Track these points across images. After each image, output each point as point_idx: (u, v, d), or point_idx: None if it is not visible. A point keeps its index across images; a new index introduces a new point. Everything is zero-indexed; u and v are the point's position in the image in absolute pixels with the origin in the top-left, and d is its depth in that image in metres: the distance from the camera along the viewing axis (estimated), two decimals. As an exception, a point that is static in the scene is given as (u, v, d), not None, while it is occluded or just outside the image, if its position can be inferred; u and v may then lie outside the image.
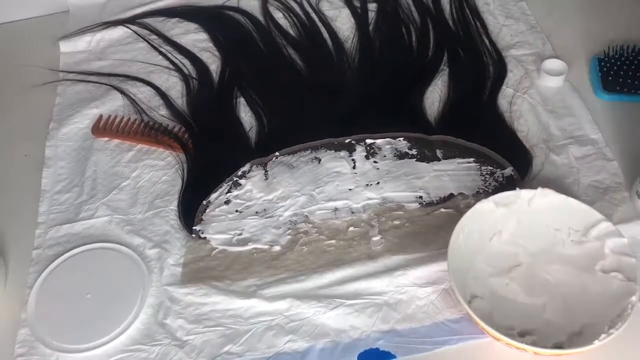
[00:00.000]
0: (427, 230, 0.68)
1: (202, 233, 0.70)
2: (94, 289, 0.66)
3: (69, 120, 0.83)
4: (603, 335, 0.53)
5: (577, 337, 0.56)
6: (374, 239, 0.68)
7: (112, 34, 0.95)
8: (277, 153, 0.76)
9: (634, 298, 0.55)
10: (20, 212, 0.75)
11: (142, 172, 0.77)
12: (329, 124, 0.79)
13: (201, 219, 0.71)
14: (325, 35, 0.91)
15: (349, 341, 0.60)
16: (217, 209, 0.72)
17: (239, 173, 0.75)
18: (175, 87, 0.87)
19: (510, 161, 0.73)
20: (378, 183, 0.73)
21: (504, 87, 0.81)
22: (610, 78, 0.78)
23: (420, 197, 0.71)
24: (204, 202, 0.73)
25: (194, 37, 0.94)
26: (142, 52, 0.92)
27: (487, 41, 0.87)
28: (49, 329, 0.63)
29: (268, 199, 0.73)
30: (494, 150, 0.74)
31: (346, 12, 0.95)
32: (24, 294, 0.67)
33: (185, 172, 0.76)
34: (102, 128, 0.82)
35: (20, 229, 0.73)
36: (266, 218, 0.71)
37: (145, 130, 0.81)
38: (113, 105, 0.85)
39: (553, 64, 0.81)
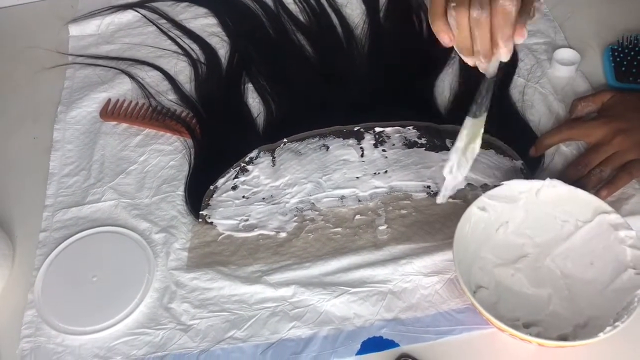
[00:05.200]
0: (434, 220, 0.68)
1: (209, 218, 0.70)
2: (100, 272, 0.66)
3: (77, 104, 0.84)
4: (608, 328, 0.52)
5: (582, 329, 0.56)
6: (380, 227, 0.67)
7: (122, 18, 0.95)
8: (285, 139, 0.76)
9: (640, 291, 0.54)
10: (28, 195, 0.75)
11: (149, 156, 0.77)
12: (338, 111, 0.79)
13: (208, 204, 0.71)
14: (335, 21, 0.91)
15: (352, 329, 0.60)
16: (224, 195, 0.72)
17: (247, 159, 0.75)
18: (183, 72, 0.87)
19: (521, 152, 0.72)
20: (386, 172, 0.72)
21: (515, 76, 0.81)
22: (623, 68, 0.77)
23: (428, 186, 0.71)
24: (211, 188, 0.73)
25: (203, 22, 0.93)
26: (151, 36, 0.92)
27: (498, 29, 0.86)
28: (55, 310, 0.64)
29: (275, 185, 0.72)
30: (504, 140, 0.73)
31: (356, -2, 0.94)
32: (31, 276, 0.67)
33: (192, 157, 0.76)
34: (111, 112, 0.82)
35: (28, 211, 0.73)
36: (273, 204, 0.71)
37: (153, 115, 0.81)
38: (121, 89, 0.85)
39: (565, 53, 0.80)
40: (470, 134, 0.58)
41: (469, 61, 0.52)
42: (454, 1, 0.47)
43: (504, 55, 0.49)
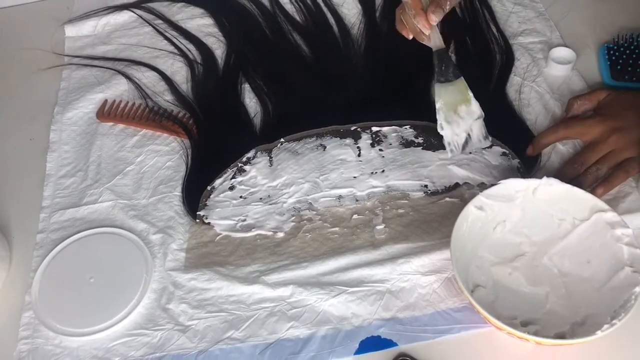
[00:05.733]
0: (432, 219, 0.68)
1: (206, 218, 0.70)
2: (97, 273, 0.66)
3: (73, 105, 0.84)
4: (606, 326, 0.52)
5: (580, 328, 0.56)
6: (378, 227, 0.68)
7: (118, 18, 0.95)
8: (282, 139, 0.76)
9: (637, 289, 0.54)
10: (24, 196, 0.75)
11: (146, 157, 0.77)
12: (335, 111, 0.79)
13: (205, 205, 0.71)
14: (332, 21, 0.91)
15: (350, 328, 0.60)
16: (221, 195, 0.72)
17: (244, 159, 0.75)
18: (180, 72, 0.87)
19: (518, 151, 0.72)
20: (383, 171, 0.72)
21: (511, 75, 0.81)
22: (618, 67, 0.77)
23: (425, 185, 0.71)
24: (208, 188, 0.73)
25: (200, 22, 0.93)
26: (147, 37, 0.92)
27: (494, 29, 0.86)
28: (52, 312, 0.64)
29: (272, 185, 0.72)
30: (501, 139, 0.73)
31: (353, -3, 0.94)
32: (28, 277, 0.67)
33: (189, 157, 0.76)
34: (107, 113, 0.82)
35: (25, 212, 0.73)
36: (270, 204, 0.71)
37: (150, 116, 0.80)
38: (118, 90, 0.85)
39: (561, 52, 0.80)
40: (447, 97, 0.67)
41: (424, 42, 0.67)
42: (400, 9, 0.67)
43: (421, 26, 0.65)
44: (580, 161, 0.68)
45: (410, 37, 0.68)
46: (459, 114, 0.67)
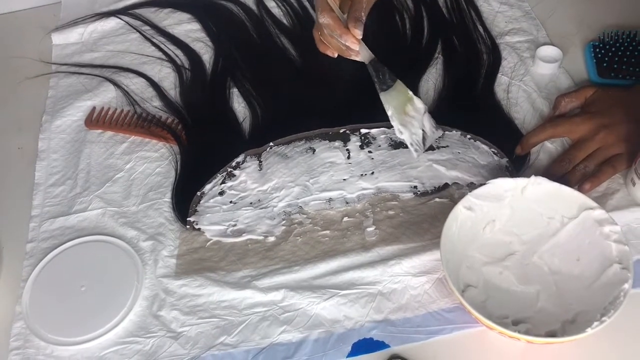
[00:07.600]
0: (422, 220, 0.68)
1: (196, 224, 0.70)
2: (88, 281, 0.66)
3: (62, 113, 0.83)
4: (596, 323, 0.53)
5: (571, 325, 0.56)
6: (368, 229, 0.68)
7: (105, 25, 0.94)
8: (271, 143, 0.76)
9: (626, 285, 0.55)
10: (14, 206, 0.75)
11: (135, 164, 0.77)
12: (323, 114, 0.79)
13: (195, 210, 0.71)
14: (319, 24, 0.91)
15: (343, 331, 0.60)
16: (211, 200, 0.72)
17: (233, 164, 0.75)
18: (168, 78, 0.86)
19: (506, 150, 0.72)
20: (372, 173, 0.72)
21: (499, 74, 0.81)
22: (605, 64, 0.78)
23: (415, 187, 0.71)
24: (198, 194, 0.73)
25: (187, 28, 0.93)
26: (135, 43, 0.92)
27: (481, 29, 0.87)
28: (43, 321, 0.63)
29: (262, 189, 0.72)
30: (490, 139, 0.73)
31: (340, 0, 0.94)
32: (19, 287, 0.67)
33: (178, 163, 0.76)
34: (96, 120, 0.82)
35: (14, 222, 0.73)
36: (260, 209, 0.71)
37: (139, 122, 0.80)
38: (106, 97, 0.85)
39: (547, 50, 0.81)
40: (394, 102, 0.67)
41: (352, 57, 0.65)
42: (319, 31, 0.65)
43: (350, 44, 0.63)
44: (568, 159, 0.68)
45: (336, 55, 0.66)
46: (408, 114, 0.67)
